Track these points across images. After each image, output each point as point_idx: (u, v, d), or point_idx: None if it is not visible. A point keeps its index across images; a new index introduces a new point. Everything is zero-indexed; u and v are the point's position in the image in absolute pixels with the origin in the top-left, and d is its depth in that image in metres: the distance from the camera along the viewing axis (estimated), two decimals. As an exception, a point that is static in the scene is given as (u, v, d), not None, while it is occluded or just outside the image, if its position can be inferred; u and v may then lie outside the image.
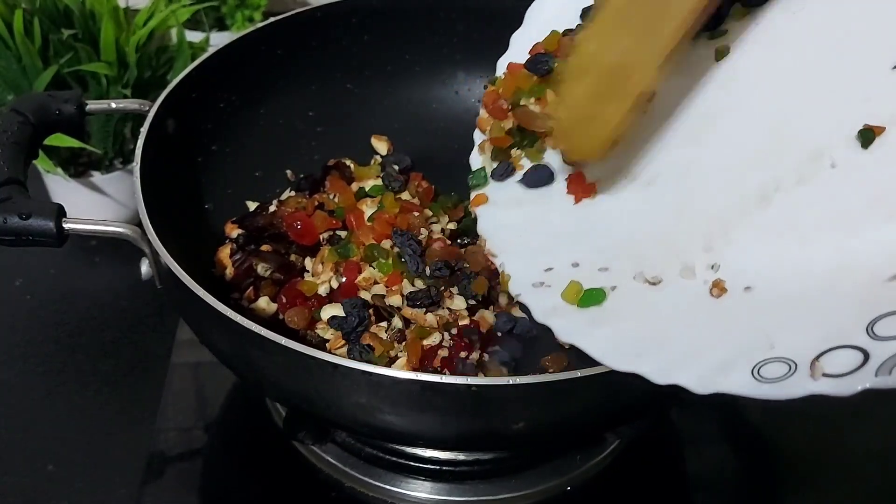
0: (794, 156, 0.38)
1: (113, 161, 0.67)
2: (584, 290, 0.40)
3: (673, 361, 0.33)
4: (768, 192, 0.38)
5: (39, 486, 0.52)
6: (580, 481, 0.52)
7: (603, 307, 0.39)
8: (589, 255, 0.42)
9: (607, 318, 0.38)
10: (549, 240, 0.45)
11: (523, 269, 0.43)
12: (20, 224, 0.39)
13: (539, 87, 0.49)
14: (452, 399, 0.36)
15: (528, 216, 0.48)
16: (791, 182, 0.37)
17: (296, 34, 0.59)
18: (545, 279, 0.42)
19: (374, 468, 0.51)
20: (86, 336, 0.62)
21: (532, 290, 0.41)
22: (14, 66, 0.61)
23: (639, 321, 0.37)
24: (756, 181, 0.39)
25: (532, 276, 0.42)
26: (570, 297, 0.40)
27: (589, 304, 0.39)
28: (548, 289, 0.41)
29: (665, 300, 0.38)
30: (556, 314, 0.39)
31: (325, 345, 0.47)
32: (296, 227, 0.53)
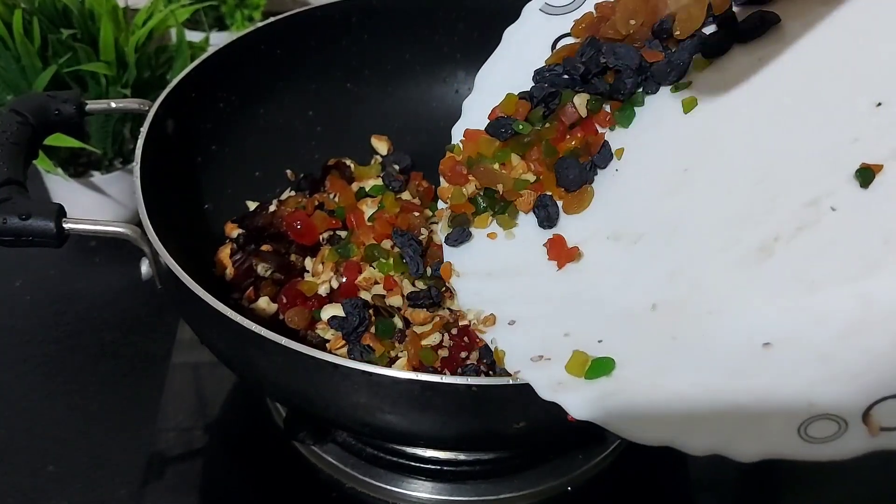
0: (788, 205, 0.37)
1: (113, 161, 0.67)
2: (591, 360, 0.36)
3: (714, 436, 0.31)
4: (767, 243, 0.36)
5: (39, 487, 0.52)
6: (581, 481, 0.52)
7: (613, 376, 0.35)
8: (583, 326, 0.39)
9: (622, 389, 0.34)
10: (539, 310, 0.41)
11: (516, 343, 0.39)
12: (20, 224, 0.39)
13: (503, 153, 0.46)
14: (452, 399, 0.36)
15: (509, 287, 0.44)
16: (790, 230, 0.36)
17: (295, 34, 0.59)
18: (543, 352, 0.38)
19: (375, 468, 0.51)
20: (86, 336, 0.62)
21: (531, 364, 0.37)
22: (13, 67, 0.61)
23: (658, 388, 0.34)
24: (752, 234, 0.37)
25: (528, 350, 0.38)
26: (576, 368, 0.36)
27: (598, 375, 0.35)
28: (547, 362, 0.37)
29: (681, 366, 0.35)
30: (564, 389, 0.35)
31: (325, 345, 0.47)
32: (296, 226, 0.53)
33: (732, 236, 0.38)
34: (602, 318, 0.39)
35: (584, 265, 0.43)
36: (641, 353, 0.36)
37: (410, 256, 0.49)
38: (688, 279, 0.38)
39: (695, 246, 0.39)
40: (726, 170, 0.40)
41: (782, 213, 0.37)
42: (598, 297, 0.40)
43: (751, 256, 0.36)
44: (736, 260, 0.37)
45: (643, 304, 0.38)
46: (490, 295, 0.43)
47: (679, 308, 0.37)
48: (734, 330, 0.35)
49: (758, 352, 0.33)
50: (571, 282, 0.42)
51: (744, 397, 0.32)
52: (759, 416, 0.31)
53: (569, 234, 0.44)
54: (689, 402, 0.33)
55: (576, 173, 0.44)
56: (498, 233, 0.47)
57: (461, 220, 0.47)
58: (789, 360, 0.32)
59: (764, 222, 0.37)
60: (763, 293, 0.35)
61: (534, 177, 0.46)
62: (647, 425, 0.33)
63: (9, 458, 0.53)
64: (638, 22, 0.45)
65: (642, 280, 0.39)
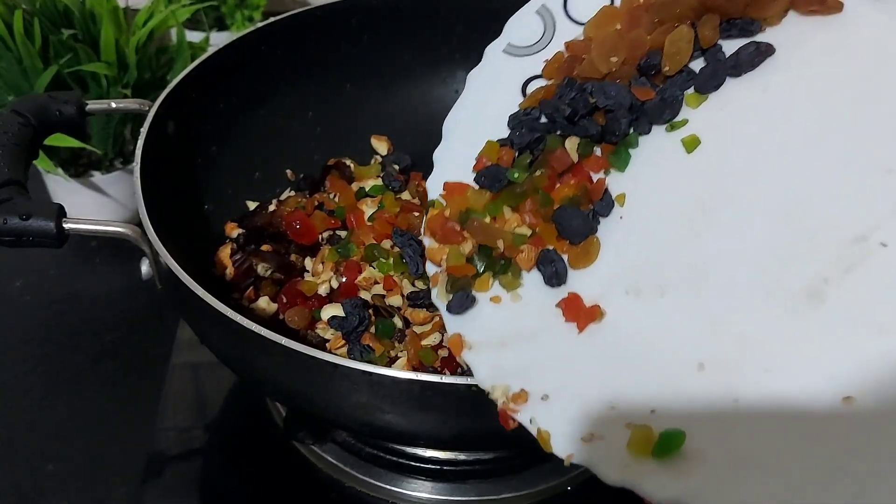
0: (829, 243, 0.34)
1: (113, 161, 0.67)
2: (657, 435, 0.31)
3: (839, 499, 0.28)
4: (816, 286, 0.33)
5: (39, 486, 0.52)
6: (581, 481, 0.52)
7: (684, 453, 0.31)
8: (627, 395, 0.35)
9: (698, 465, 0.30)
10: (570, 380, 0.37)
11: (558, 421, 0.35)
12: (20, 225, 0.39)
13: (494, 205, 0.42)
14: (452, 399, 0.36)
15: (530, 356, 0.39)
16: (839, 271, 0.33)
17: (295, 34, 0.59)
18: (591, 429, 0.33)
19: (375, 468, 0.51)
20: (86, 336, 0.62)
21: (584, 447, 0.33)
22: (14, 67, 0.61)
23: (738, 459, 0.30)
24: (795, 278, 0.34)
25: (573, 428, 0.34)
26: (641, 448, 0.31)
27: (668, 453, 0.31)
28: (602, 441, 0.33)
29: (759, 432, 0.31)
30: (633, 473, 0.31)
31: (325, 345, 0.47)
32: (295, 226, 0.53)
33: (773, 281, 0.34)
34: (645, 385, 0.35)
35: (607, 325, 0.38)
36: (704, 420, 0.32)
37: (410, 256, 0.49)
38: (733, 333, 0.34)
39: (732, 295, 0.35)
40: (750, 209, 0.37)
41: (825, 252, 0.34)
42: (633, 360, 0.36)
43: (801, 303, 0.33)
44: (784, 308, 0.34)
45: (688, 365, 0.34)
46: (511, 367, 0.38)
47: (730, 366, 0.34)
48: (802, 384, 0.31)
49: (839, 408, 0.30)
50: (597, 346, 0.38)
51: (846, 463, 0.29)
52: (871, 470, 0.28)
53: (581, 291, 0.40)
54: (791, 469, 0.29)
55: (579, 223, 0.40)
56: (502, 296, 0.41)
57: (462, 284, 0.41)
58: (883, 412, 0.29)
59: (806, 264, 0.34)
60: (825, 342, 0.32)
61: (528, 230, 0.42)
62: (747, 495, 0.29)
63: (9, 458, 0.53)
64: (619, 59, 0.42)
65: (679, 337, 0.36)
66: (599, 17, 0.44)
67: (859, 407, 0.30)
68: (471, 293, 0.41)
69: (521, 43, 0.48)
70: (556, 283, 0.40)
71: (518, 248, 0.41)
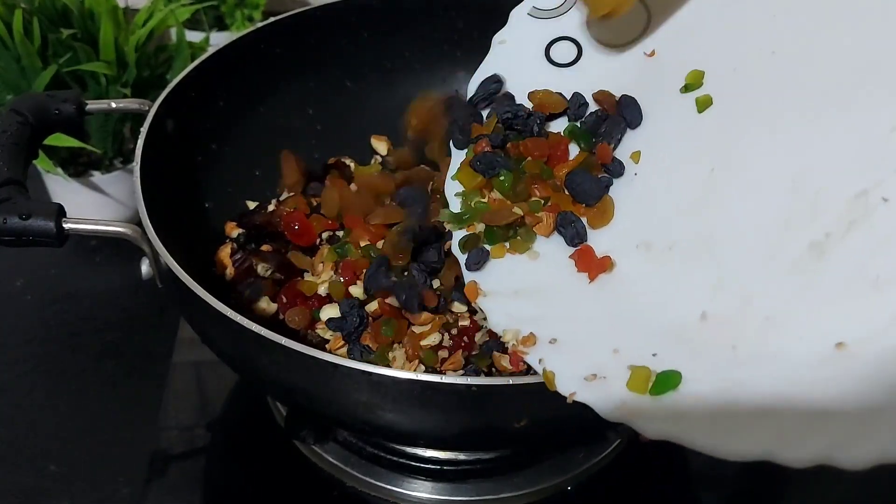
0: (832, 201, 0.35)
1: (113, 161, 0.67)
2: (655, 375, 0.33)
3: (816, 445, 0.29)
4: (818, 241, 0.34)
5: (41, 486, 0.52)
6: (582, 480, 0.52)
7: (680, 391, 0.33)
8: (631, 341, 0.37)
9: (693, 404, 0.32)
10: (579, 327, 0.39)
11: (564, 362, 0.36)
12: (20, 224, 0.39)
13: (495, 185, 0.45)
14: (452, 399, 0.36)
15: (541, 304, 0.41)
16: (842, 227, 0.34)
17: (295, 33, 0.59)
18: (595, 370, 0.35)
19: (376, 467, 0.51)
20: (87, 336, 0.62)
21: (586, 385, 0.34)
22: (13, 66, 0.61)
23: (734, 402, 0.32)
24: (799, 235, 0.35)
25: (578, 370, 0.35)
26: (639, 386, 0.33)
27: (664, 391, 0.33)
28: (604, 381, 0.34)
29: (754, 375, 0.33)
30: (630, 409, 0.33)
31: (325, 345, 0.47)
32: (293, 227, 0.53)
33: (777, 240, 0.36)
34: (649, 332, 0.37)
35: (616, 277, 0.41)
36: (703, 365, 0.34)
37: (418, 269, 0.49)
38: (735, 287, 0.36)
39: (737, 253, 0.37)
40: (756, 169, 0.38)
41: (828, 209, 0.35)
42: (639, 309, 0.38)
43: (803, 258, 0.35)
44: (787, 265, 0.35)
45: (691, 316, 0.36)
46: (523, 314, 0.40)
47: (732, 317, 0.35)
48: (801, 334, 0.33)
49: (832, 354, 0.31)
50: (606, 295, 0.40)
51: (838, 402, 0.30)
52: (863, 418, 0.29)
53: (595, 246, 0.42)
54: (779, 412, 0.31)
55: (590, 185, 0.43)
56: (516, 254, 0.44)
57: (474, 241, 0.44)
58: (874, 359, 0.30)
59: (810, 221, 0.35)
60: (824, 295, 0.33)
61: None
62: (734, 440, 0.30)
63: (11, 458, 0.53)
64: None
65: (684, 290, 0.38)
66: None
67: (850, 354, 0.31)
68: (485, 248, 0.44)
69: (545, 6, 0.50)
70: (578, 242, 0.43)
71: (536, 216, 0.44)
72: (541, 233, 0.44)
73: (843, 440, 0.29)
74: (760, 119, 0.39)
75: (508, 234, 0.44)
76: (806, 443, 0.29)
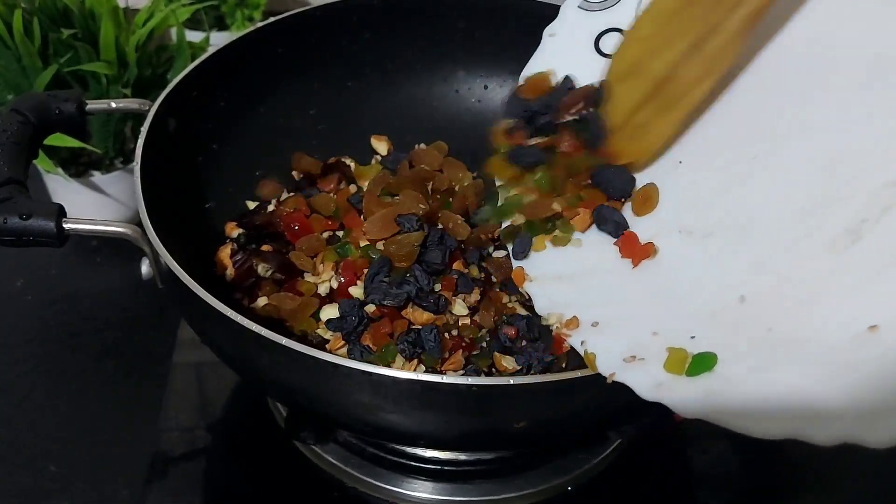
0: (867, 186, 0.36)
1: (113, 161, 0.67)
2: (691, 357, 0.35)
3: (841, 429, 0.30)
4: (853, 225, 0.35)
5: (41, 486, 0.52)
6: (583, 480, 0.52)
7: (716, 372, 0.34)
8: (670, 323, 0.38)
9: (728, 384, 0.33)
10: (620, 310, 0.41)
11: (605, 344, 0.38)
12: (21, 224, 0.39)
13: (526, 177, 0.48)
14: (453, 399, 0.36)
15: (584, 289, 0.43)
16: (877, 212, 0.35)
17: (296, 33, 0.59)
18: (634, 352, 0.37)
19: (376, 468, 0.51)
20: (87, 336, 0.62)
21: (625, 366, 0.36)
22: (14, 66, 0.61)
23: (766, 382, 0.33)
24: (833, 219, 0.36)
25: (618, 351, 0.37)
26: (676, 366, 0.35)
27: (700, 372, 0.34)
28: (642, 362, 0.36)
29: (787, 357, 0.34)
30: (667, 389, 0.34)
31: (325, 345, 0.47)
32: (293, 228, 0.53)
33: (813, 223, 0.37)
34: (688, 314, 0.38)
35: (658, 262, 0.42)
36: (739, 347, 0.35)
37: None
38: (773, 270, 0.37)
39: (773, 236, 0.38)
40: (795, 156, 0.39)
41: (863, 195, 0.36)
42: (679, 293, 0.40)
43: (838, 241, 0.36)
44: (822, 247, 0.36)
45: (730, 298, 0.38)
46: (566, 298, 0.43)
47: (769, 299, 0.36)
48: (835, 317, 0.34)
49: (864, 336, 0.32)
50: (648, 280, 0.42)
51: (866, 382, 0.31)
52: (885, 401, 0.29)
53: (638, 232, 0.44)
54: (807, 392, 0.31)
55: (618, 180, 0.45)
56: (548, 247, 0.47)
57: (513, 231, 0.48)
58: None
59: (844, 206, 0.36)
60: (858, 278, 0.34)
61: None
62: (764, 419, 0.31)
63: (11, 458, 0.53)
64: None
65: (723, 273, 0.39)
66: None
67: (882, 336, 0.32)
68: (528, 237, 0.47)
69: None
70: (619, 233, 0.45)
71: (574, 210, 0.46)
72: (578, 228, 0.46)
73: (871, 420, 0.29)
74: (798, 101, 0.40)
75: (547, 226, 0.47)
76: (835, 422, 0.30)
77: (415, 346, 0.45)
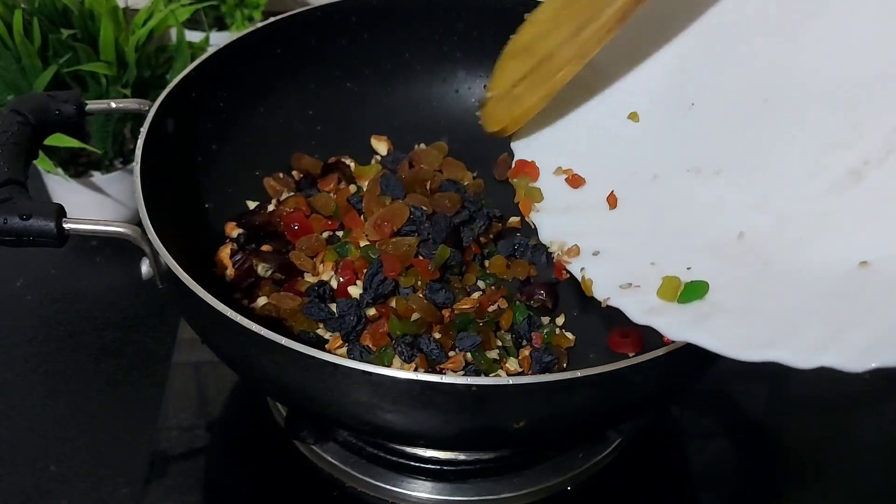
0: (875, 130, 0.37)
1: (113, 161, 0.67)
2: (683, 285, 0.36)
3: (813, 345, 0.31)
4: (856, 167, 0.37)
5: (41, 486, 0.52)
6: (582, 480, 0.52)
7: (707, 300, 0.35)
8: (670, 255, 0.39)
9: (717, 311, 0.35)
10: (622, 241, 0.42)
11: (603, 272, 0.40)
12: (21, 224, 0.39)
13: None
14: (452, 399, 0.36)
15: (590, 220, 0.44)
16: (880, 155, 0.36)
17: (295, 34, 0.59)
18: (631, 280, 0.38)
19: (376, 468, 0.51)
20: (87, 336, 0.62)
21: (621, 292, 0.38)
22: (13, 67, 0.61)
23: (754, 309, 0.34)
24: (839, 160, 0.37)
25: (616, 279, 0.38)
26: (669, 293, 0.36)
27: (691, 299, 0.36)
28: (637, 289, 0.37)
29: (777, 289, 0.35)
30: (657, 313, 0.36)
31: (325, 345, 0.47)
32: (293, 228, 0.53)
33: (819, 164, 0.38)
34: (688, 248, 0.39)
35: (665, 198, 0.43)
36: (733, 278, 0.36)
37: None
38: (775, 208, 0.39)
39: (779, 175, 0.39)
40: (806, 99, 0.40)
41: (870, 138, 0.37)
42: (682, 228, 0.41)
43: (840, 182, 0.37)
44: (825, 187, 0.37)
45: (730, 234, 0.39)
46: (571, 228, 0.44)
47: (768, 235, 0.38)
48: (829, 253, 0.35)
49: (855, 272, 0.33)
50: (652, 215, 0.43)
51: (849, 313, 0.32)
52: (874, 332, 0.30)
53: (647, 169, 0.44)
54: (792, 319, 0.33)
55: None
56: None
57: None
58: (892, 278, 0.32)
59: (850, 148, 0.37)
60: (855, 217, 0.36)
61: None
62: (747, 343, 0.32)
63: (10, 458, 0.53)
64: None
65: (727, 211, 0.40)
66: None
67: (872, 271, 0.33)
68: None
69: None
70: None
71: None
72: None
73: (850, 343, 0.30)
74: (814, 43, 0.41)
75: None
76: (815, 348, 0.31)
77: (412, 349, 0.45)
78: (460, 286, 0.49)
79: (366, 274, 0.48)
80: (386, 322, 0.46)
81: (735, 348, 0.32)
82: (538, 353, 0.46)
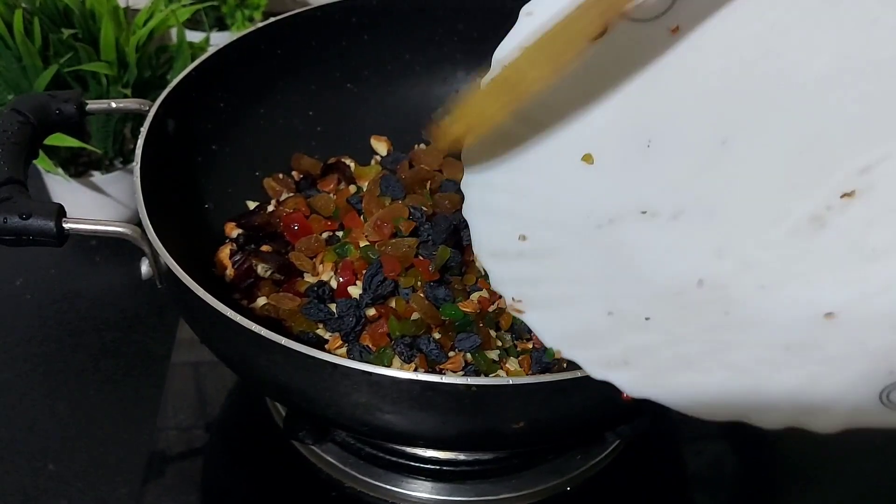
0: (837, 173, 0.36)
1: (113, 161, 0.67)
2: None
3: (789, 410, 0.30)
4: (818, 212, 0.35)
5: (40, 485, 0.52)
6: (580, 481, 0.52)
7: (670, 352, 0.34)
8: (627, 304, 0.37)
9: (679, 365, 0.33)
10: (577, 289, 0.40)
11: (557, 323, 0.38)
12: (20, 224, 0.39)
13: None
14: (452, 399, 0.36)
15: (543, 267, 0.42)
16: (843, 201, 0.35)
17: (296, 34, 0.59)
18: (588, 330, 0.37)
19: (374, 468, 0.51)
20: (86, 335, 0.62)
21: (575, 344, 0.36)
22: (14, 66, 0.61)
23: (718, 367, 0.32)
24: (800, 206, 0.36)
25: (571, 329, 0.37)
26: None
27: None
28: (593, 341, 0.36)
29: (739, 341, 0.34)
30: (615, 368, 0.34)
31: (324, 345, 0.47)
32: (293, 228, 0.53)
33: (781, 209, 0.37)
34: (645, 296, 0.38)
35: (620, 243, 0.41)
36: (694, 330, 0.35)
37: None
38: (736, 255, 0.37)
39: (740, 220, 0.38)
40: (766, 141, 0.39)
41: (832, 182, 0.36)
42: (639, 275, 0.39)
43: (802, 229, 0.36)
44: (786, 233, 0.36)
45: (688, 281, 0.37)
46: (523, 275, 0.42)
47: (728, 284, 0.36)
48: (792, 303, 0.34)
49: (820, 322, 0.32)
50: (607, 260, 0.41)
51: (815, 368, 0.30)
52: (835, 386, 0.29)
53: (601, 209, 0.43)
54: (756, 376, 0.31)
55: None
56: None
57: None
58: (858, 328, 0.31)
59: (813, 193, 0.36)
60: (819, 265, 0.34)
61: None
62: (712, 402, 0.31)
63: (9, 457, 0.53)
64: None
65: (685, 257, 0.39)
66: None
67: (839, 323, 0.32)
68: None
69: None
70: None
71: None
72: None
73: (817, 406, 0.29)
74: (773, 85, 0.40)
75: None
76: (783, 408, 0.30)
77: (412, 349, 0.45)
78: (460, 286, 0.49)
79: (365, 274, 0.48)
80: (385, 322, 0.46)
81: (697, 410, 0.31)
82: (538, 353, 0.46)
